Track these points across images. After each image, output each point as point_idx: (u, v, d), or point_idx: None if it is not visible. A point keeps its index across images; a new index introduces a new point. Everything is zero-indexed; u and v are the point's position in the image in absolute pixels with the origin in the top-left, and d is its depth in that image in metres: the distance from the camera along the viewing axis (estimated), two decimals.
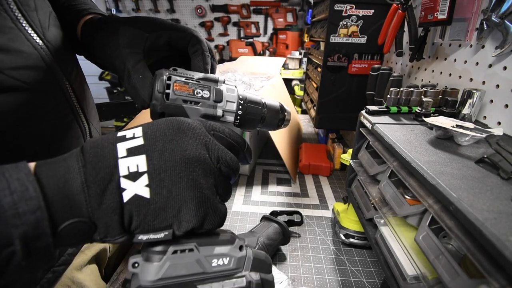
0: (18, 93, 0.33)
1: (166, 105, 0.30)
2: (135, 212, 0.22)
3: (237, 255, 0.26)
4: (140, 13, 3.08)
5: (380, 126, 0.47)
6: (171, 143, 0.24)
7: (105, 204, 0.21)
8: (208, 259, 0.25)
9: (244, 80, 0.93)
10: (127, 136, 0.24)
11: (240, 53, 2.85)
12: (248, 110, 0.34)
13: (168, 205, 0.23)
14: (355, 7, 0.81)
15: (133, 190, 0.22)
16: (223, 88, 0.33)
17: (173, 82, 0.30)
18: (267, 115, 0.36)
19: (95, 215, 0.21)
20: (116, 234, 0.22)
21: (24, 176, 0.19)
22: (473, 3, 0.53)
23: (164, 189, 0.23)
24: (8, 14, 0.32)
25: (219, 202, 0.26)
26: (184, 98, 0.30)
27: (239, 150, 0.30)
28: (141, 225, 0.22)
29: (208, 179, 0.25)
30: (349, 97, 0.93)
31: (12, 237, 0.18)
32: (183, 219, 0.23)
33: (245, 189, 0.86)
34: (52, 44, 0.38)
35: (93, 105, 0.50)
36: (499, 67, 0.48)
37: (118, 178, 0.21)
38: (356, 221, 0.60)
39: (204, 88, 0.31)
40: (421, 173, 0.33)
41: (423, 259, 0.34)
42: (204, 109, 0.31)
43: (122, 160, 0.22)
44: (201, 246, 0.25)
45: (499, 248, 0.21)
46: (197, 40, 0.35)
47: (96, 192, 0.21)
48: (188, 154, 0.24)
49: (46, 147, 0.37)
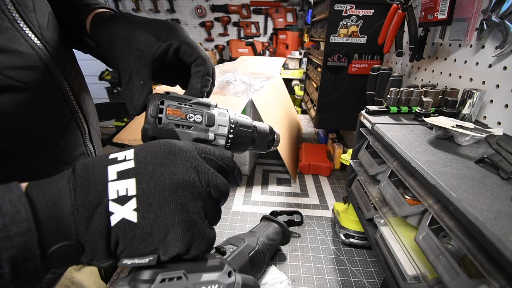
0: (16, 93, 0.32)
1: (158, 129, 0.30)
2: (122, 236, 0.22)
3: (226, 282, 0.26)
4: (140, 13, 3.08)
5: (380, 126, 0.47)
6: (161, 166, 0.24)
7: (93, 227, 0.21)
8: (196, 287, 0.24)
9: (244, 80, 0.93)
10: (119, 158, 0.24)
11: (240, 53, 2.85)
12: (239, 133, 0.35)
13: (154, 230, 0.23)
14: (355, 7, 0.81)
15: (121, 214, 0.22)
16: (215, 112, 0.33)
17: (166, 107, 0.30)
18: (258, 137, 0.37)
19: (82, 238, 0.21)
20: (102, 257, 0.22)
21: (16, 198, 0.19)
22: (473, 3, 0.53)
23: (152, 213, 0.23)
24: (6, 14, 0.32)
25: (208, 227, 0.26)
26: (177, 123, 0.31)
27: (229, 172, 0.30)
28: (126, 249, 0.22)
29: (197, 203, 0.25)
30: (349, 97, 0.93)
31: (1, 260, 0.18)
32: (169, 244, 0.23)
33: (245, 189, 0.86)
34: (51, 45, 0.37)
35: (92, 105, 0.50)
36: (499, 67, 0.48)
37: (107, 201, 0.21)
38: (356, 221, 0.60)
39: (196, 112, 0.32)
40: (421, 173, 0.33)
41: (423, 259, 0.34)
42: (196, 133, 0.32)
43: (112, 184, 0.22)
44: (190, 273, 0.24)
45: (499, 248, 0.21)
46: (202, 61, 0.34)
47: (84, 216, 0.21)
48: (177, 178, 0.24)
49: (45, 147, 0.37)
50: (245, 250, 0.49)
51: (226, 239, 0.54)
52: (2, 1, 0.32)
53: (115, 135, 0.78)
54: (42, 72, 0.36)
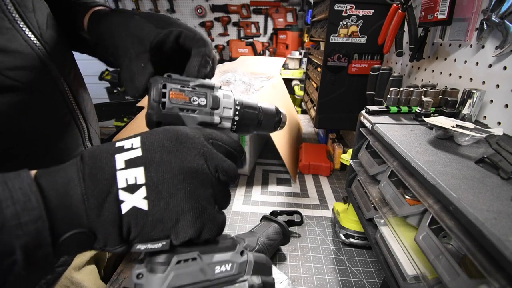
0: (16, 93, 0.33)
1: (163, 114, 0.29)
2: (133, 223, 0.22)
3: (239, 261, 0.26)
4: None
5: (380, 126, 0.47)
6: (169, 154, 0.24)
7: (104, 215, 0.21)
8: (211, 267, 0.25)
9: (244, 80, 0.93)
10: (126, 146, 0.24)
11: (240, 53, 2.85)
12: (245, 115, 0.34)
13: (165, 216, 0.23)
14: (355, 7, 0.81)
15: (131, 202, 0.22)
16: (219, 94, 0.32)
17: (168, 90, 0.29)
18: (264, 119, 0.36)
19: (94, 226, 0.21)
20: (115, 244, 0.22)
21: (26, 186, 0.19)
22: (473, 3, 0.53)
23: (162, 201, 0.23)
24: (6, 15, 0.32)
25: (217, 212, 0.26)
26: (181, 107, 0.30)
27: (237, 156, 0.30)
28: (139, 235, 0.23)
29: (206, 190, 0.25)
30: (349, 97, 0.93)
31: (14, 247, 0.18)
32: (181, 230, 0.24)
33: (245, 189, 0.86)
34: (50, 45, 0.38)
35: (91, 105, 0.50)
36: (499, 67, 0.48)
37: (116, 190, 0.22)
38: (356, 221, 0.60)
39: (200, 95, 0.31)
40: (421, 173, 0.33)
41: (423, 259, 0.34)
42: (201, 117, 0.31)
43: (121, 172, 0.22)
44: (204, 254, 0.25)
45: (499, 248, 0.21)
46: (204, 43, 0.34)
47: (94, 204, 0.21)
48: (186, 165, 0.24)
49: (44, 147, 0.37)
50: None
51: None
52: (3, 2, 0.32)
53: (115, 135, 0.78)
54: (42, 72, 0.36)
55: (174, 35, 0.33)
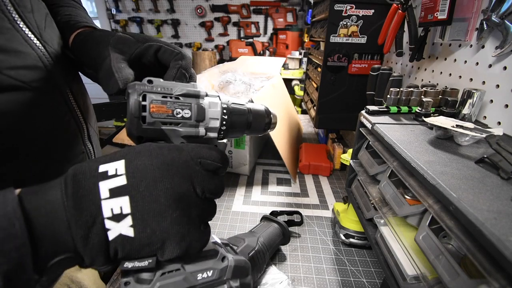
0: (16, 92, 0.33)
1: (144, 129, 0.27)
2: (120, 247, 0.23)
3: (219, 267, 0.29)
4: (140, 13, 3.08)
5: (380, 126, 0.47)
6: (155, 181, 0.24)
7: (90, 244, 0.21)
8: (193, 275, 0.27)
9: (244, 80, 0.93)
10: (109, 172, 0.23)
11: (240, 53, 2.85)
12: (233, 123, 0.33)
13: (152, 241, 0.23)
14: (355, 7, 0.81)
15: (118, 230, 0.22)
16: (205, 103, 0.30)
17: (149, 103, 0.27)
18: (253, 121, 0.35)
19: (81, 251, 0.21)
20: (101, 264, 0.23)
21: (11, 211, 0.19)
22: (473, 3, 0.53)
23: (148, 228, 0.23)
24: (6, 15, 0.32)
25: (204, 229, 0.27)
26: (163, 120, 0.28)
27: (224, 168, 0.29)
28: (126, 257, 0.23)
29: (192, 212, 0.25)
30: (349, 97, 0.93)
31: None
32: (167, 250, 0.24)
33: (245, 189, 0.86)
34: (49, 45, 0.38)
35: (90, 105, 0.50)
36: (499, 67, 0.48)
37: (102, 219, 0.22)
38: (356, 221, 0.60)
39: (184, 106, 0.29)
40: (421, 173, 0.33)
41: (423, 259, 0.34)
42: (185, 130, 0.29)
43: (106, 202, 0.22)
44: (187, 264, 0.27)
45: (499, 248, 0.21)
46: (182, 56, 0.33)
47: (80, 234, 0.21)
48: (172, 192, 0.24)
49: (44, 146, 0.38)
50: (245, 250, 0.49)
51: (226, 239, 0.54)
52: (2, 2, 0.32)
53: (115, 135, 0.77)
54: (42, 72, 0.36)
55: (153, 49, 0.34)
